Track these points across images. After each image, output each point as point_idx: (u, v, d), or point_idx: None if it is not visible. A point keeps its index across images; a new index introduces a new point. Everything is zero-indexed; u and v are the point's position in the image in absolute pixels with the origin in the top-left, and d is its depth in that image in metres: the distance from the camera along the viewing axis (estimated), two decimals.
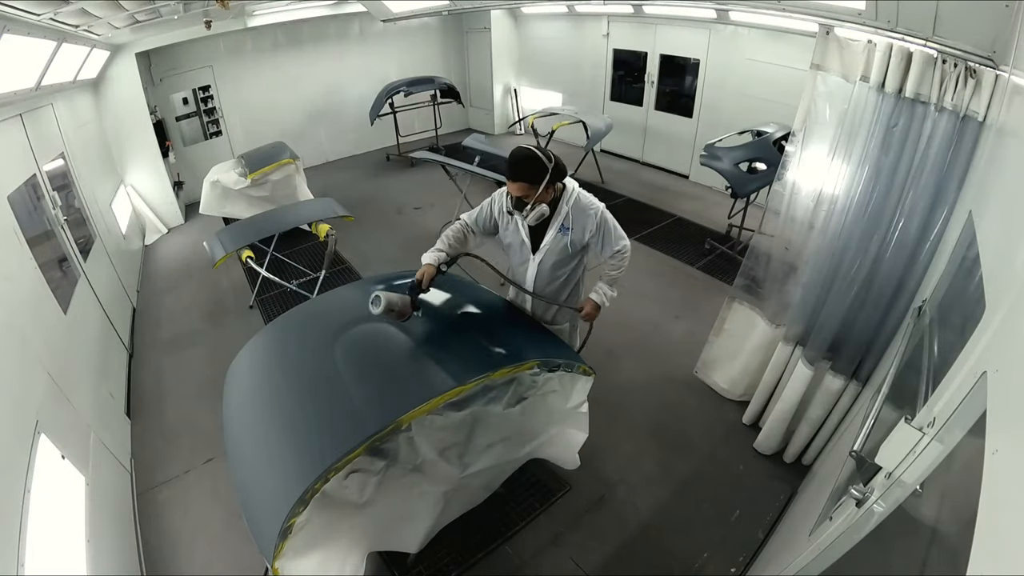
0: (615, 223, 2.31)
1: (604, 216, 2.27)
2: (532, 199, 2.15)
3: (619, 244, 2.32)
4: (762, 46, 5.79)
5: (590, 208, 2.26)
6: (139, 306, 4.94)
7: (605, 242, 2.31)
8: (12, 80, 3.20)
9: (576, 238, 2.29)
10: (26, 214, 3.17)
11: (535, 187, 2.12)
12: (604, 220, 2.27)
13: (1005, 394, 0.90)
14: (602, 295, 2.41)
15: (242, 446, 2.00)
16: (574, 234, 2.28)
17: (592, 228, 2.26)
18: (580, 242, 2.31)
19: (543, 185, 2.12)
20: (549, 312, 2.61)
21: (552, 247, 2.32)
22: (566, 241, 2.29)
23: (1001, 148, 1.68)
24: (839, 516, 1.50)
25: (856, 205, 2.39)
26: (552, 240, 2.31)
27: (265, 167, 5.56)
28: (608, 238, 2.30)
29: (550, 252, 2.34)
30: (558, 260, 2.36)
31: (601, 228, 2.27)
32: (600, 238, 2.30)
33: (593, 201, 2.29)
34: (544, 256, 2.35)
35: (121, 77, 5.81)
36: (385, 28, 8.30)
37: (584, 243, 2.32)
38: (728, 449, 3.09)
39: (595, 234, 2.28)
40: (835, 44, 2.46)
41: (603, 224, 2.27)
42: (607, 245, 2.32)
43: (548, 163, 2.12)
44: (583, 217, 2.26)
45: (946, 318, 1.71)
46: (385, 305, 2.04)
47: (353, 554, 2.04)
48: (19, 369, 2.25)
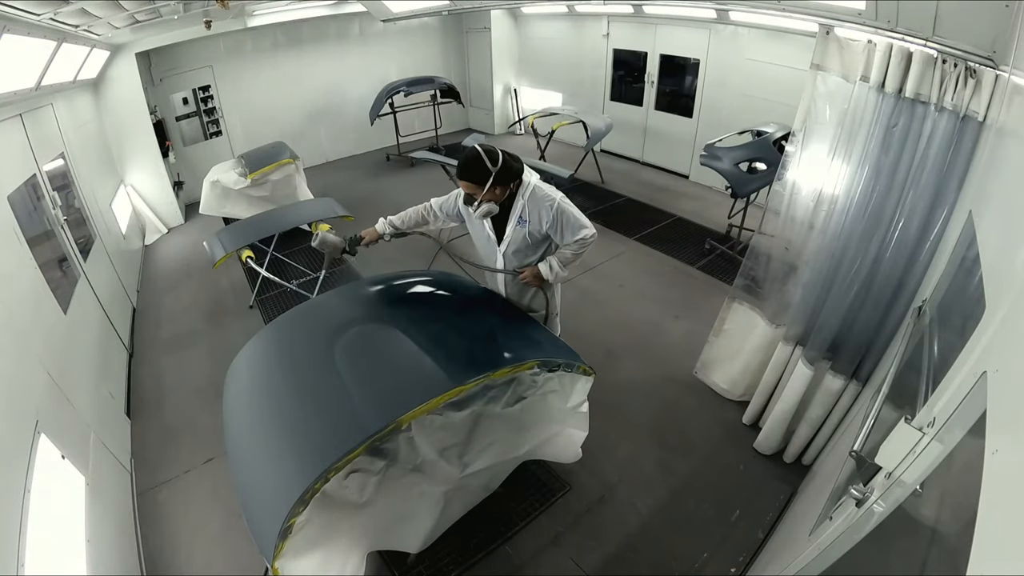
0: (575, 214, 2.36)
1: (560, 207, 2.32)
2: (479, 197, 2.28)
3: (579, 234, 2.36)
4: (762, 46, 5.79)
5: (545, 200, 2.33)
6: (139, 306, 4.94)
7: (564, 232, 2.37)
8: (12, 80, 3.20)
9: (534, 229, 2.38)
10: (26, 214, 3.17)
11: (479, 187, 2.25)
12: (560, 211, 2.33)
13: (1005, 394, 0.90)
14: (548, 267, 2.44)
15: (242, 446, 2.00)
16: (531, 226, 2.37)
17: (548, 219, 2.34)
18: (538, 232, 2.39)
19: (487, 186, 2.24)
20: (524, 297, 2.67)
21: (513, 238, 2.43)
22: (524, 232, 2.39)
23: (1001, 148, 1.68)
24: (839, 516, 1.50)
25: (856, 205, 2.39)
26: (512, 232, 2.42)
27: (265, 167, 5.56)
28: (567, 228, 2.35)
29: (512, 242, 2.45)
30: (520, 250, 2.46)
31: (558, 219, 2.34)
32: (558, 229, 2.36)
33: (549, 193, 2.35)
34: (507, 246, 2.46)
35: (121, 77, 5.81)
36: (385, 28, 8.30)
37: (543, 233, 2.40)
38: (728, 449, 3.09)
39: (552, 225, 2.35)
40: (835, 44, 2.46)
41: (559, 215, 2.33)
42: (567, 234, 2.37)
43: (492, 166, 2.22)
44: (539, 209, 2.34)
45: (946, 318, 1.71)
46: (319, 240, 2.47)
47: (353, 554, 2.04)
48: (19, 369, 2.25)
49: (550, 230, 2.37)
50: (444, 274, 2.90)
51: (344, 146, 8.83)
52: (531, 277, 2.48)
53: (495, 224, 2.46)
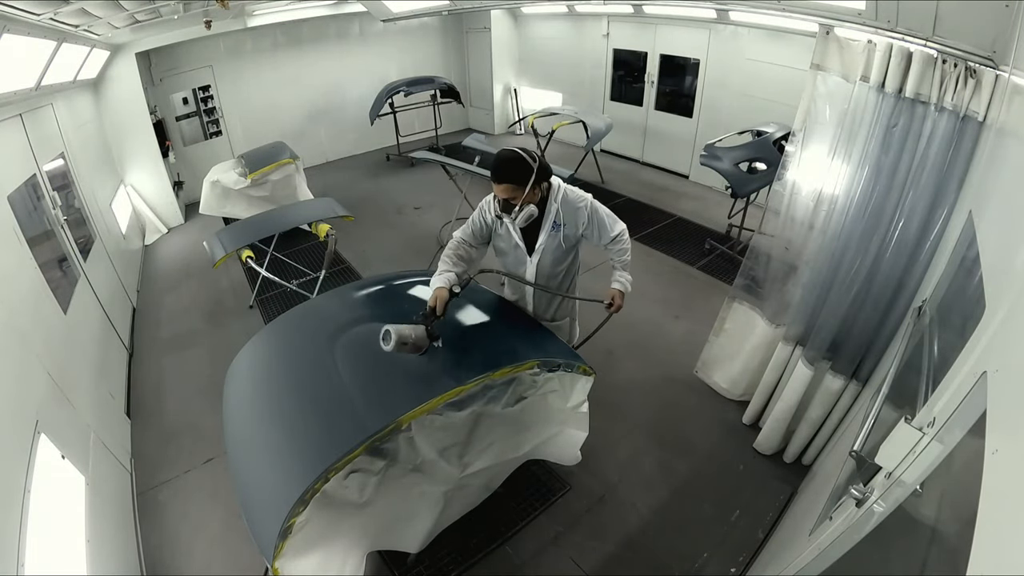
0: (606, 211, 2.33)
1: (594, 206, 2.29)
2: (519, 200, 2.15)
3: (615, 229, 2.33)
4: (762, 46, 5.79)
5: (579, 202, 2.28)
6: (139, 306, 4.94)
7: (601, 231, 2.32)
8: (12, 80, 3.20)
9: (570, 233, 2.31)
10: (26, 214, 3.17)
11: (521, 188, 2.13)
12: (595, 210, 2.29)
13: (1005, 394, 0.90)
14: (624, 282, 2.39)
15: (242, 446, 2.00)
16: (567, 229, 2.30)
17: (584, 220, 2.29)
18: (574, 236, 2.33)
19: (529, 186, 2.12)
20: (550, 310, 2.61)
21: (548, 246, 2.34)
22: (560, 238, 2.32)
23: (1001, 148, 1.68)
24: (839, 516, 1.50)
25: (856, 205, 2.39)
26: (547, 239, 2.32)
27: (265, 167, 5.56)
28: (603, 226, 2.32)
29: (546, 251, 2.36)
30: (555, 258, 2.38)
31: (593, 218, 2.30)
32: (595, 228, 2.32)
33: (580, 195, 2.31)
34: (541, 256, 2.37)
35: (121, 77, 5.81)
36: (385, 28, 8.30)
37: (578, 237, 2.35)
38: (728, 449, 3.09)
39: (588, 226, 2.30)
40: (835, 44, 2.46)
41: (594, 214, 2.29)
42: (604, 233, 2.33)
43: (533, 163, 2.12)
44: (574, 212, 2.28)
45: (946, 318, 1.71)
46: (396, 340, 1.86)
47: (353, 554, 2.04)
48: (19, 369, 2.25)
49: (586, 232, 2.30)
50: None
51: (344, 146, 8.83)
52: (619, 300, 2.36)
53: (524, 233, 2.33)
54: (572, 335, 2.80)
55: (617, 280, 2.40)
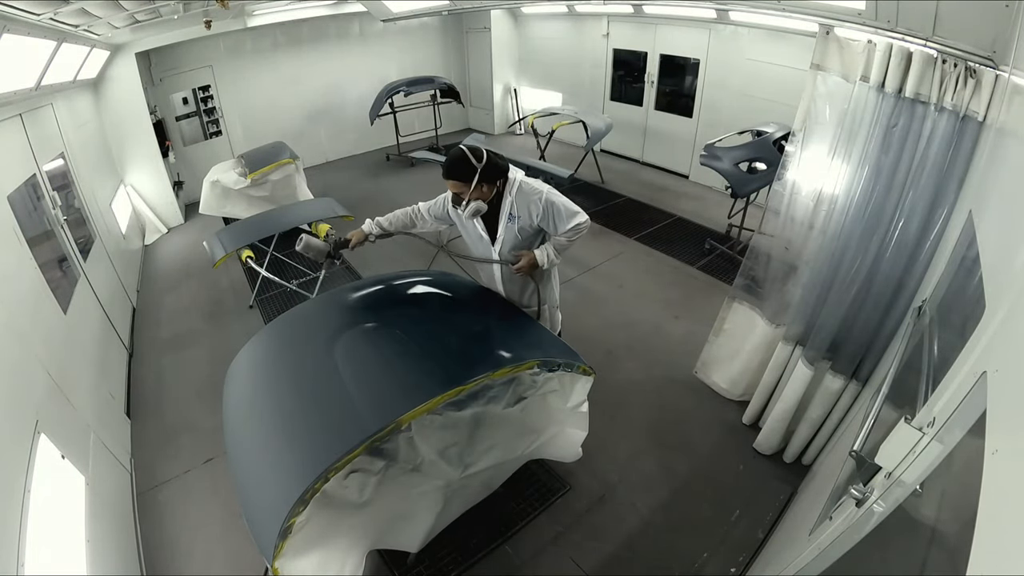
0: (565, 203, 2.35)
1: (549, 199, 2.33)
2: (467, 196, 2.30)
3: (571, 222, 2.35)
4: (762, 46, 5.79)
5: (533, 194, 2.35)
6: (139, 306, 4.94)
7: (557, 223, 2.36)
8: (12, 80, 3.20)
9: (524, 224, 2.39)
10: (26, 214, 3.17)
11: (466, 185, 2.27)
12: (550, 203, 2.34)
13: (1005, 394, 0.90)
14: (545, 254, 2.42)
15: (242, 446, 2.00)
16: (521, 221, 2.39)
17: (539, 212, 2.34)
18: (529, 227, 2.40)
19: (473, 183, 2.25)
20: (524, 296, 2.69)
21: (506, 236, 2.45)
22: (516, 229, 2.41)
23: (1001, 148, 1.68)
24: (839, 516, 1.50)
25: (856, 205, 2.39)
26: (504, 230, 2.44)
27: (265, 167, 5.56)
28: (559, 219, 2.35)
29: (505, 241, 2.46)
30: (514, 246, 2.47)
31: (549, 211, 2.34)
32: (550, 220, 2.36)
33: (537, 188, 2.36)
34: (501, 246, 2.48)
35: (121, 77, 5.81)
36: (385, 28, 8.30)
37: (535, 228, 2.41)
38: (728, 449, 3.09)
39: (544, 217, 2.36)
40: (835, 44, 2.46)
41: (549, 207, 2.34)
42: (559, 225, 2.36)
43: (477, 163, 2.24)
44: (528, 204, 2.35)
45: (946, 318, 1.71)
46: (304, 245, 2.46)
47: (353, 553, 2.04)
48: (19, 369, 2.25)
49: (542, 223, 2.37)
50: (444, 274, 2.90)
51: (344, 146, 8.83)
52: (526, 265, 2.42)
53: (487, 224, 2.47)
54: (553, 323, 2.86)
55: (541, 249, 2.42)
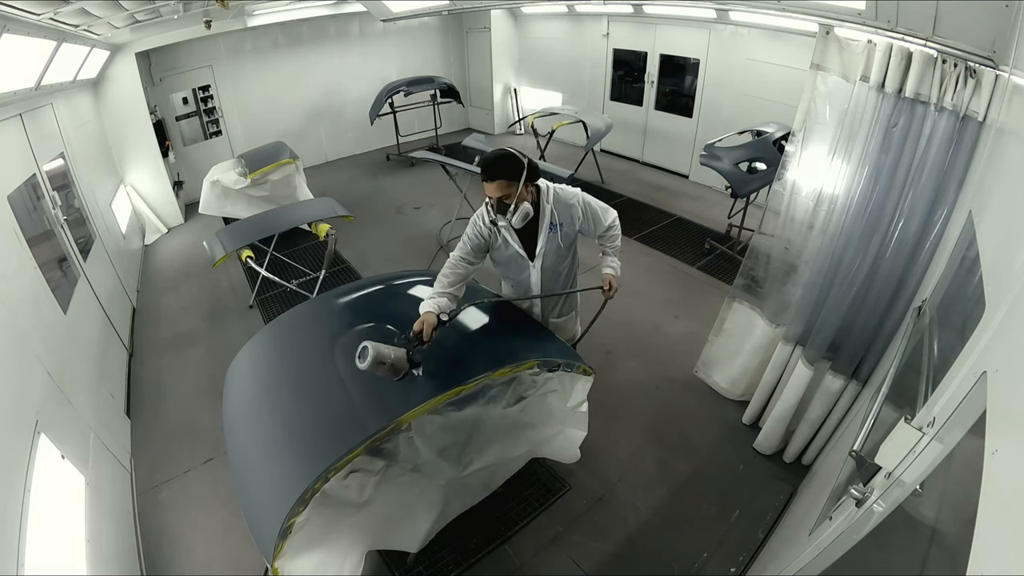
0: (597, 201, 2.36)
1: (586, 200, 2.31)
2: (513, 198, 2.09)
3: (607, 219, 2.36)
4: (762, 46, 5.79)
5: (571, 199, 2.28)
6: (139, 306, 4.94)
7: (596, 223, 2.34)
8: (12, 80, 3.20)
9: (568, 231, 2.31)
10: (26, 214, 3.17)
11: (514, 184, 2.06)
12: (587, 204, 2.31)
13: (1005, 394, 0.90)
14: (615, 267, 2.42)
15: (242, 446, 2.00)
16: (565, 228, 2.29)
17: (579, 216, 2.29)
18: (572, 234, 2.34)
19: (521, 182, 2.06)
20: (556, 309, 2.61)
21: (548, 248, 2.32)
22: (559, 238, 2.30)
23: (1001, 148, 1.68)
24: (839, 516, 1.50)
25: (856, 205, 2.39)
26: (546, 242, 2.29)
27: (265, 167, 5.56)
28: (597, 218, 2.34)
29: (547, 254, 2.33)
30: (556, 259, 2.37)
31: (587, 212, 2.31)
32: (591, 222, 2.33)
33: (571, 191, 2.31)
34: (543, 260, 2.34)
35: (121, 77, 5.80)
36: (385, 28, 8.30)
37: (575, 234, 2.36)
38: (728, 449, 3.09)
39: (584, 220, 2.31)
40: (835, 44, 2.46)
41: (587, 208, 2.31)
42: (598, 225, 2.35)
43: (524, 159, 2.09)
44: (568, 210, 2.28)
45: (946, 318, 1.71)
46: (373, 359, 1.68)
47: (352, 553, 2.04)
48: (19, 369, 2.25)
49: (583, 227, 2.31)
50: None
51: (344, 146, 8.83)
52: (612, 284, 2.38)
53: (522, 240, 2.29)
54: (576, 330, 2.82)
55: (609, 266, 2.43)
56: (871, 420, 1.55)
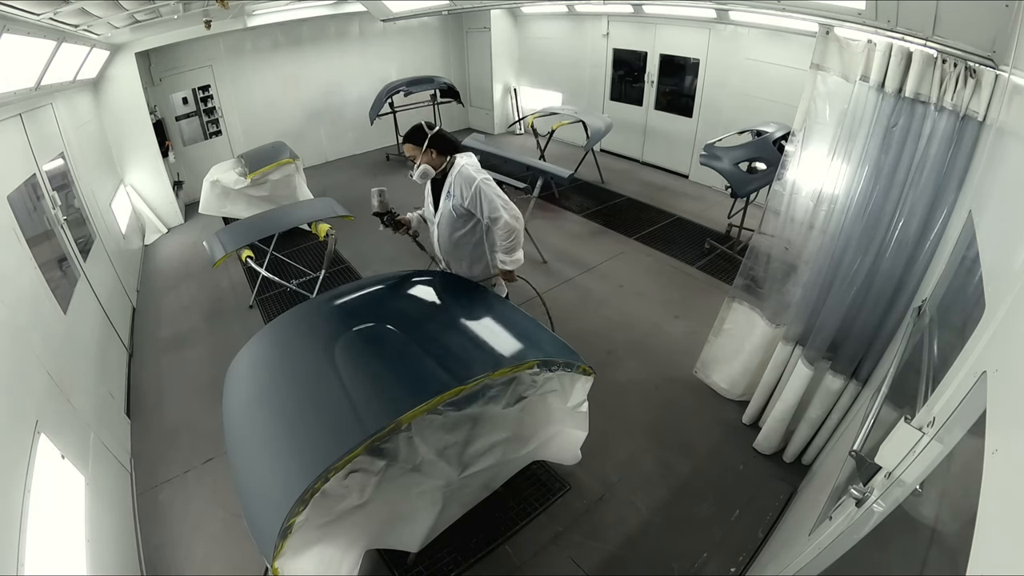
0: (494, 197, 2.59)
1: (479, 188, 2.57)
2: (417, 158, 2.63)
3: (493, 214, 2.59)
4: (762, 46, 5.79)
5: (471, 180, 2.59)
6: (139, 306, 4.94)
7: (483, 208, 2.60)
8: (12, 80, 3.20)
9: (457, 203, 2.65)
10: (26, 214, 3.17)
11: (418, 148, 2.60)
12: (479, 191, 2.58)
13: (1005, 394, 0.90)
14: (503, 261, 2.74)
15: (242, 446, 2.00)
16: (455, 200, 2.65)
17: (469, 196, 2.59)
18: (461, 207, 2.64)
19: (424, 147, 2.59)
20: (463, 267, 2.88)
21: (444, 210, 2.73)
22: (450, 205, 2.68)
23: (1001, 148, 1.68)
24: (839, 516, 1.50)
25: (856, 205, 2.39)
26: (443, 203, 2.72)
27: (265, 167, 5.56)
28: (484, 205, 2.59)
29: (443, 214, 2.74)
30: (450, 223, 2.73)
31: (477, 198, 2.58)
32: (478, 205, 2.60)
33: (476, 175, 2.61)
34: (440, 217, 2.76)
35: (121, 77, 5.80)
36: (385, 28, 8.30)
37: (465, 208, 2.64)
38: (728, 449, 3.09)
39: (472, 201, 2.60)
40: (835, 44, 2.46)
41: (478, 195, 2.58)
42: (485, 210, 2.60)
43: (428, 131, 2.59)
44: (463, 187, 2.61)
45: (946, 318, 1.71)
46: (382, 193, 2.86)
47: (352, 552, 2.04)
48: (19, 369, 2.25)
49: (470, 206, 2.62)
50: (444, 274, 2.91)
51: (344, 146, 8.83)
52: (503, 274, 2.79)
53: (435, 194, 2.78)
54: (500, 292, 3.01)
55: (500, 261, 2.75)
56: (871, 420, 1.55)
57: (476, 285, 2.80)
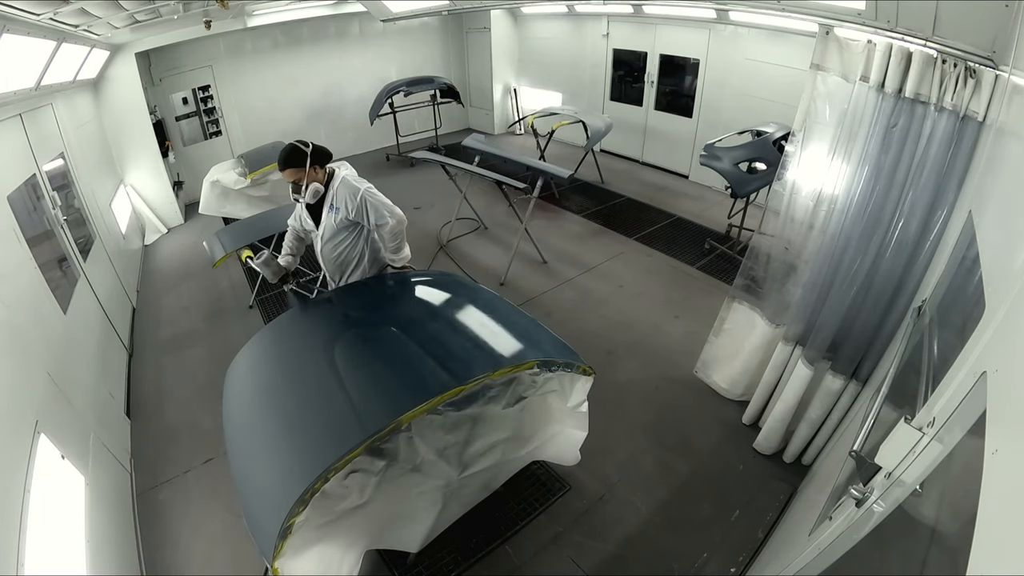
0: (381, 203, 2.60)
1: (364, 198, 2.57)
2: (303, 180, 2.51)
3: (381, 220, 2.59)
4: (762, 46, 5.79)
5: (355, 191, 2.57)
6: (139, 306, 4.94)
7: (370, 218, 2.59)
8: (12, 80, 3.20)
9: (343, 216, 2.60)
10: (26, 214, 3.17)
11: (301, 170, 2.50)
12: (365, 201, 2.56)
13: (1005, 394, 0.90)
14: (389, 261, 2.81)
15: (242, 446, 2.00)
16: (341, 213, 2.59)
17: (355, 207, 2.56)
18: (347, 218, 2.60)
19: (307, 166, 2.49)
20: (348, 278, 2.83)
21: (327, 223, 2.65)
22: (334, 219, 2.62)
23: (1001, 148, 1.68)
24: (839, 516, 1.50)
25: (856, 205, 2.39)
26: (326, 217, 2.65)
27: (265, 167, 5.56)
28: (372, 212, 2.58)
29: (327, 228, 2.66)
30: (334, 234, 2.67)
31: (363, 207, 2.56)
32: (365, 213, 2.58)
33: (358, 184, 2.60)
34: (324, 231, 2.68)
35: (121, 77, 5.80)
36: (385, 28, 8.30)
37: (351, 219, 2.60)
38: (728, 449, 3.09)
39: (359, 212, 2.57)
40: (835, 44, 2.46)
41: (363, 204, 2.56)
42: (372, 217, 2.59)
43: (306, 148, 2.50)
44: (347, 198, 2.57)
45: (946, 318, 1.71)
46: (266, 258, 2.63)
47: (352, 553, 2.04)
48: (19, 369, 2.25)
49: (356, 217, 2.59)
50: (444, 274, 2.91)
51: (344, 146, 8.81)
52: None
53: (313, 213, 2.68)
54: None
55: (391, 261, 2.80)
56: (871, 420, 1.55)
57: (476, 286, 2.80)
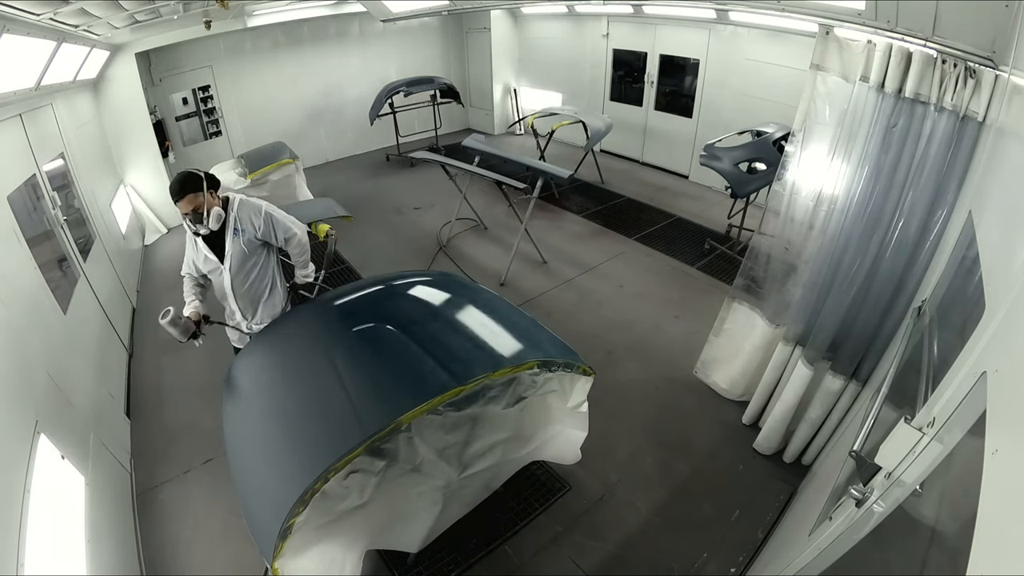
0: (285, 217, 2.62)
1: (269, 215, 2.57)
2: (203, 206, 2.40)
3: (288, 233, 2.60)
4: (762, 46, 5.79)
5: (256, 210, 2.55)
6: (139, 306, 4.94)
7: (277, 232, 2.58)
8: (12, 80, 3.20)
9: (249, 237, 2.55)
10: (26, 214, 3.17)
11: (200, 195, 2.39)
12: (269, 216, 2.56)
13: (1005, 394, 0.90)
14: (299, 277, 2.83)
15: (242, 446, 2.00)
16: (247, 235, 2.53)
17: (260, 224, 2.53)
18: (254, 239, 2.56)
19: (205, 190, 2.40)
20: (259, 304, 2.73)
21: (234, 251, 2.54)
22: (242, 243, 2.54)
23: (1000, 148, 1.68)
24: (839, 516, 1.50)
25: (856, 205, 2.39)
26: (231, 245, 2.53)
27: (265, 167, 5.57)
28: (278, 228, 2.58)
29: (235, 256, 2.55)
30: (243, 260, 2.58)
31: (269, 223, 2.55)
32: (271, 230, 2.57)
33: (257, 204, 2.59)
34: (231, 261, 2.56)
35: (121, 77, 5.80)
36: (385, 28, 8.30)
37: (259, 239, 2.56)
38: (728, 449, 3.09)
39: (266, 229, 2.55)
40: (835, 44, 2.46)
41: (268, 220, 2.55)
42: (279, 234, 2.59)
43: (200, 173, 2.42)
44: (251, 218, 2.53)
45: (946, 318, 1.71)
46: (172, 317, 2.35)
47: (352, 553, 2.04)
48: (18, 369, 2.25)
49: (264, 235, 2.55)
50: (444, 274, 2.91)
51: (344, 146, 8.83)
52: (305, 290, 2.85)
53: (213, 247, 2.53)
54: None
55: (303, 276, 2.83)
56: (871, 420, 1.55)
57: (476, 286, 2.80)
